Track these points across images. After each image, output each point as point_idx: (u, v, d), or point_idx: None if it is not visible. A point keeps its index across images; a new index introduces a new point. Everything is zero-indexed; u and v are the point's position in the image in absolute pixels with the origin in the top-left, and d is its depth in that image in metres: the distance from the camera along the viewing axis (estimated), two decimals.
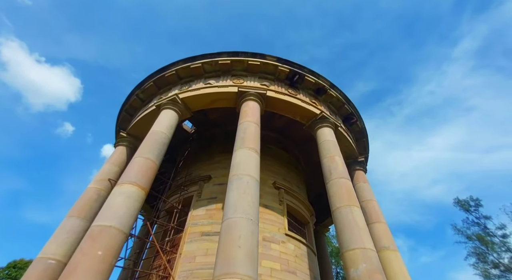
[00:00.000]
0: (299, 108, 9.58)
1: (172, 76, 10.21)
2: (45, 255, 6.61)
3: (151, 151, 7.31)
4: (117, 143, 10.50)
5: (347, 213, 6.24)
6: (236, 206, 5.13)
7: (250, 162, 6.27)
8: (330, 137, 8.92)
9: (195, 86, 9.72)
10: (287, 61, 10.15)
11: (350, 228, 5.91)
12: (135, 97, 11.08)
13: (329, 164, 7.74)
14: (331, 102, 10.94)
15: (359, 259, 5.28)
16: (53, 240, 6.98)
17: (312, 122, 9.73)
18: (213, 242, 7.53)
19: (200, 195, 9.08)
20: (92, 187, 8.51)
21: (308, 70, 10.36)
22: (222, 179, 9.56)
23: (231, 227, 4.79)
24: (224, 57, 9.88)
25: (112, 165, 9.40)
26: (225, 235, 4.72)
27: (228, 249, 4.46)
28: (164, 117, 8.67)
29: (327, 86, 10.58)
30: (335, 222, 6.41)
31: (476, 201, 27.71)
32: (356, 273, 5.10)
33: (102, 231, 5.16)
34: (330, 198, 7.01)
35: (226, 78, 9.82)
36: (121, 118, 11.84)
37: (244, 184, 5.62)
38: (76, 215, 7.62)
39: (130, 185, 6.17)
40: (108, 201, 5.81)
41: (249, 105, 8.45)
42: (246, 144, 6.78)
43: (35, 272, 6.28)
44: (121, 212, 5.60)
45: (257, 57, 9.91)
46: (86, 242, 4.98)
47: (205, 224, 8.05)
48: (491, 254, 23.50)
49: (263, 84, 9.63)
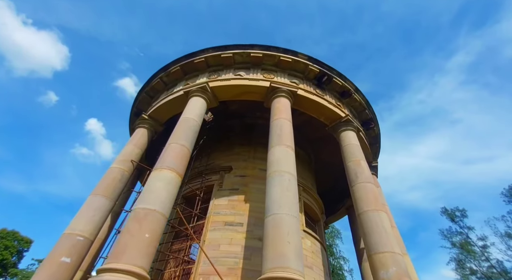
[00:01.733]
0: (325, 109, 9.71)
1: (201, 63, 10.09)
2: (73, 232, 6.63)
3: (185, 138, 7.34)
4: (137, 125, 10.37)
5: (374, 217, 6.52)
6: (281, 203, 5.30)
7: (288, 160, 6.42)
8: (354, 141, 9.13)
9: (225, 76, 9.67)
10: (317, 61, 10.20)
11: (378, 232, 6.21)
12: (159, 79, 10.92)
13: (355, 168, 7.98)
14: (353, 106, 11.13)
15: (389, 262, 5.59)
16: (80, 217, 6.99)
17: (336, 124, 9.90)
18: (237, 232, 7.74)
19: (222, 185, 9.20)
20: (116, 167, 8.48)
21: (336, 72, 10.45)
22: (243, 171, 9.72)
23: (278, 222, 4.96)
24: (257, 50, 9.82)
25: (135, 146, 9.35)
26: (272, 230, 4.89)
27: (278, 244, 4.64)
28: (195, 105, 8.65)
29: (352, 90, 10.72)
30: (361, 224, 6.69)
31: (462, 211, 29.10)
32: (386, 275, 5.41)
33: (147, 214, 5.24)
34: (355, 200, 7.28)
35: (256, 71, 9.80)
36: (141, 98, 11.68)
37: (286, 181, 5.78)
38: (101, 193, 7.62)
39: (169, 171, 6.23)
40: (149, 185, 5.87)
41: (281, 102, 8.51)
42: (283, 141, 6.90)
43: (64, 248, 6.32)
44: (163, 197, 5.69)
45: (289, 54, 9.91)
46: (132, 224, 5.05)
47: (227, 214, 8.21)
48: (472, 261, 24.88)
49: (293, 81, 9.67)
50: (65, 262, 6.11)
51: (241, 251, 7.24)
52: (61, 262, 6.08)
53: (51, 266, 5.98)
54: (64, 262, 6.11)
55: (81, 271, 7.89)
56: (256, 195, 8.85)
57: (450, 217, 29.04)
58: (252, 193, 8.87)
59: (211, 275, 6.77)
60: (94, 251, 8.73)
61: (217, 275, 6.69)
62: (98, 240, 8.77)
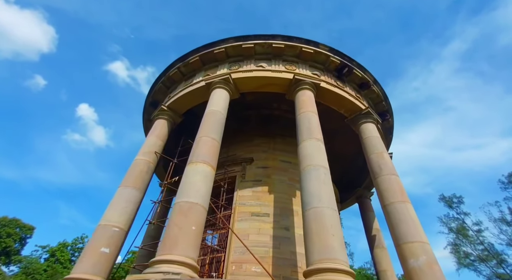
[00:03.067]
0: (346, 101, 9.76)
1: (221, 53, 9.96)
2: (109, 223, 6.79)
3: (215, 131, 7.41)
4: (157, 116, 10.32)
5: (402, 208, 6.79)
6: (320, 196, 5.48)
7: (320, 153, 6.55)
8: (375, 133, 9.28)
9: (246, 67, 9.59)
10: (338, 52, 10.14)
11: (406, 223, 6.49)
12: (176, 69, 10.78)
13: (378, 160, 8.17)
14: (371, 98, 11.19)
15: (418, 251, 5.91)
16: (113, 208, 7.13)
17: (355, 116, 9.99)
18: (264, 222, 7.99)
19: (244, 176, 9.37)
20: (141, 159, 8.55)
21: (356, 63, 10.42)
22: (264, 162, 9.87)
23: (320, 216, 5.16)
24: (279, 40, 9.70)
25: (157, 138, 9.38)
26: (315, 223, 5.09)
27: (323, 236, 4.86)
28: (219, 97, 8.63)
29: (371, 82, 10.75)
30: (389, 215, 6.96)
31: (459, 198, 30.11)
32: (416, 263, 5.74)
33: (191, 207, 5.39)
34: (381, 192, 7.53)
35: (278, 62, 9.72)
36: (157, 89, 11.56)
37: (322, 175, 5.94)
38: (131, 185, 7.73)
39: (204, 164, 6.33)
40: (188, 179, 5.98)
41: (306, 95, 8.54)
42: (314, 135, 7.01)
43: (103, 238, 6.49)
44: (202, 190, 5.83)
45: (311, 45, 9.82)
46: (178, 217, 5.21)
47: (253, 205, 8.43)
48: (467, 245, 26.12)
49: (314, 73, 9.65)
50: (104, 253, 6.30)
51: (269, 241, 7.52)
52: (101, 253, 6.27)
53: (92, 256, 6.17)
54: (104, 252, 6.30)
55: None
56: (279, 186, 9.07)
57: (448, 203, 30.00)
58: (275, 184, 9.07)
59: (243, 263, 7.07)
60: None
61: (248, 263, 6.99)
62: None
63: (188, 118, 10.86)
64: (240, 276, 6.77)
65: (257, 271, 6.85)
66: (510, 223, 26.14)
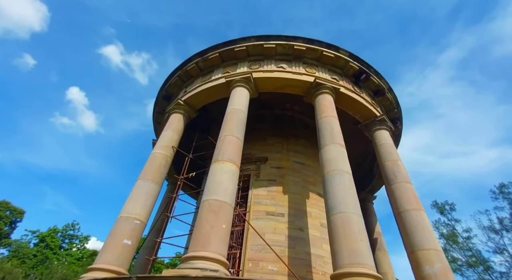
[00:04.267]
0: (362, 107, 9.93)
1: (242, 51, 9.98)
2: (130, 215, 6.84)
3: (238, 130, 7.50)
4: (173, 110, 10.29)
5: (417, 216, 7.04)
6: (346, 202, 5.65)
7: (344, 159, 6.71)
8: (389, 140, 9.50)
9: (267, 67, 9.65)
10: (357, 57, 10.26)
11: (421, 230, 6.75)
12: (194, 64, 10.75)
13: (393, 168, 8.40)
14: (384, 105, 11.39)
15: (434, 258, 6.17)
16: (134, 201, 7.17)
17: (369, 123, 10.18)
18: (279, 222, 8.16)
19: (259, 175, 9.49)
20: (160, 153, 8.58)
21: (374, 70, 10.58)
22: (278, 163, 10.00)
23: (347, 220, 5.33)
24: (300, 42, 9.76)
25: (174, 133, 9.40)
26: (343, 228, 5.26)
27: (350, 241, 5.04)
28: (240, 96, 8.69)
29: (386, 89, 10.94)
30: (403, 222, 7.21)
31: (451, 205, 31.03)
32: (432, 270, 5.99)
33: (221, 206, 5.50)
34: (395, 199, 7.76)
35: (298, 64, 9.80)
36: (172, 82, 11.52)
37: (347, 180, 6.11)
38: (151, 179, 7.78)
39: (230, 163, 6.43)
40: (215, 177, 6.08)
41: (327, 99, 8.66)
42: (336, 140, 7.15)
43: (125, 231, 6.55)
44: (230, 189, 5.94)
45: (332, 49, 9.92)
46: (209, 215, 5.31)
47: (268, 204, 8.58)
48: (456, 250, 27.04)
49: (333, 77, 9.77)
50: (127, 245, 6.38)
51: (285, 240, 7.69)
52: (124, 245, 6.34)
53: (116, 248, 6.23)
54: (127, 244, 6.37)
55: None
56: (293, 187, 9.23)
57: (440, 210, 30.85)
58: (289, 185, 9.23)
59: (260, 261, 7.24)
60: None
61: (265, 261, 7.16)
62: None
63: (200, 113, 10.88)
64: (257, 273, 6.93)
65: (274, 269, 7.03)
66: (498, 232, 27.11)
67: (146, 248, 10.60)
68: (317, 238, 8.05)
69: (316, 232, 8.17)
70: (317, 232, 8.21)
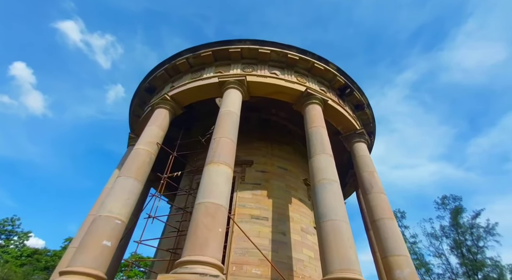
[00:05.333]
0: (345, 119, 10.55)
1: (236, 53, 9.96)
2: (111, 214, 6.39)
3: (232, 132, 7.48)
4: (158, 105, 9.82)
5: (390, 224, 7.71)
6: (337, 210, 5.98)
7: (333, 169, 7.08)
8: (366, 152, 10.23)
9: (260, 72, 9.76)
10: (344, 72, 10.89)
11: (393, 238, 7.41)
12: (185, 60, 10.42)
13: (370, 178, 9.07)
14: (362, 119, 12.22)
15: (404, 264, 6.82)
16: (115, 200, 6.71)
17: (350, 135, 10.84)
18: (264, 226, 8.29)
19: (244, 178, 9.52)
20: (143, 149, 8.14)
21: (357, 86, 11.32)
22: (263, 167, 10.15)
23: (338, 228, 5.64)
24: (294, 51, 10.06)
25: (159, 129, 8.99)
26: (333, 235, 5.56)
27: (341, 248, 5.35)
28: (234, 98, 8.67)
29: (365, 104, 11.76)
30: (378, 230, 7.83)
31: (402, 213, 34.28)
32: (402, 274, 6.62)
33: (217, 209, 5.45)
34: (371, 208, 8.40)
35: (290, 73, 10.07)
36: (158, 75, 11.03)
37: (336, 189, 6.47)
38: (134, 176, 7.34)
39: (225, 166, 6.40)
40: (211, 179, 6.00)
41: (317, 109, 9.04)
42: (326, 150, 7.52)
43: (105, 231, 6.09)
44: (225, 192, 5.92)
45: (322, 62, 10.38)
46: (206, 218, 5.22)
47: (253, 208, 8.66)
48: None
49: (322, 89, 10.24)
50: (106, 246, 5.95)
51: (269, 244, 7.84)
52: (103, 246, 5.90)
53: (94, 249, 5.77)
54: (106, 245, 5.95)
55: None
56: (277, 191, 9.44)
57: None
58: (274, 189, 9.42)
59: (244, 265, 7.28)
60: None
61: (249, 265, 7.23)
62: None
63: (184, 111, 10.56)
64: (241, 277, 6.96)
65: (258, 273, 7.12)
66: (438, 238, 30.65)
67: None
68: (298, 243, 8.34)
69: (297, 237, 8.46)
70: (298, 236, 8.51)
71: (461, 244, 27.33)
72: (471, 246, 27.12)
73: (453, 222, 28.59)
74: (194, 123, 12.48)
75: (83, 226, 8.68)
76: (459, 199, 30.30)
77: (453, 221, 28.60)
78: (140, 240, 7.24)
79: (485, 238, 26.45)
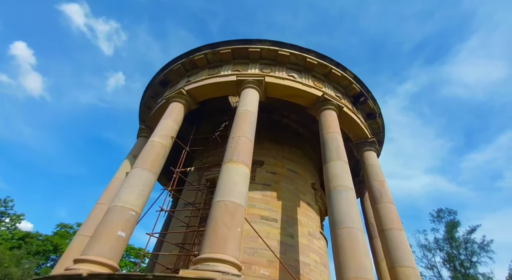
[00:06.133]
0: (358, 127, 10.60)
1: (255, 53, 9.96)
2: (126, 205, 6.38)
3: (250, 132, 7.52)
4: (173, 98, 9.79)
5: (399, 235, 7.77)
6: (352, 217, 6.03)
7: (348, 176, 7.13)
8: (376, 161, 10.30)
9: (278, 74, 9.76)
10: (359, 80, 10.93)
11: (401, 249, 7.47)
12: (203, 55, 10.39)
13: (380, 188, 9.14)
14: (373, 128, 12.28)
15: (411, 276, 6.89)
16: (131, 191, 6.70)
17: (360, 143, 10.90)
18: (273, 227, 8.32)
19: (254, 178, 9.52)
20: (159, 142, 8.13)
21: (371, 95, 11.37)
22: (273, 168, 10.18)
23: (353, 236, 5.69)
24: (313, 56, 10.08)
25: (174, 122, 8.98)
26: (349, 242, 5.61)
27: (356, 256, 5.39)
28: (253, 98, 8.69)
29: (377, 114, 11.82)
30: (386, 240, 7.89)
31: None
32: None
33: (236, 208, 5.47)
34: (380, 217, 8.46)
35: (307, 77, 10.09)
36: (174, 68, 10.99)
37: (351, 197, 6.52)
38: (149, 168, 7.33)
39: (244, 165, 6.42)
40: (230, 178, 6.01)
41: (332, 115, 9.08)
42: (341, 156, 7.56)
43: (120, 222, 6.08)
44: (244, 192, 5.94)
45: (339, 68, 10.42)
46: (225, 216, 5.24)
47: (262, 208, 8.69)
48: None
49: (337, 95, 10.27)
50: (121, 237, 5.94)
51: (277, 246, 7.87)
52: (118, 236, 5.90)
53: (109, 239, 5.77)
54: (121, 236, 5.94)
55: None
56: (287, 194, 9.48)
57: None
58: (283, 191, 9.45)
59: (253, 265, 7.30)
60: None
61: (257, 265, 7.26)
62: None
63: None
64: (249, 277, 6.97)
65: (266, 274, 7.15)
66: (431, 250, 30.88)
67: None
68: (305, 246, 8.38)
69: (304, 240, 8.50)
70: (305, 240, 8.55)
71: (454, 257, 27.55)
72: (464, 260, 27.35)
73: (448, 236, 28.79)
74: (203, 119, 12.48)
75: (91, 214, 8.66)
76: (454, 213, 30.62)
77: (448, 234, 28.80)
78: (152, 233, 7.24)
79: (479, 254, 26.65)
